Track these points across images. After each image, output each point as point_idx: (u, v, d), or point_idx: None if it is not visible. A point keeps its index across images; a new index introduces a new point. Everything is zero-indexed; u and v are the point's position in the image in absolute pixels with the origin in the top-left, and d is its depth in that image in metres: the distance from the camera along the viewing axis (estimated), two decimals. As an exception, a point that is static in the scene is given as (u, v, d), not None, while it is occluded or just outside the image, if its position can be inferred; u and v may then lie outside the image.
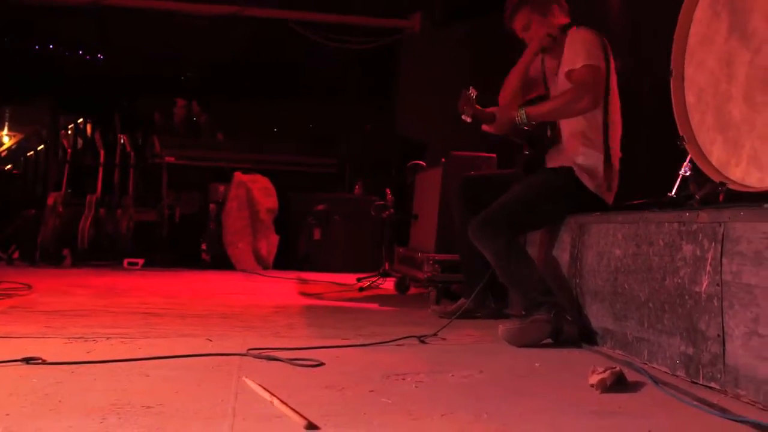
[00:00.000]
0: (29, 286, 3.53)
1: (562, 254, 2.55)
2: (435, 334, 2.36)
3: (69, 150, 5.36)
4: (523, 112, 2.54)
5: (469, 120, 2.57)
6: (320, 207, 5.09)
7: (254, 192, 5.05)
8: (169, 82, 10.93)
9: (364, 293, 3.88)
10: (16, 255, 5.16)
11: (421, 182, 3.86)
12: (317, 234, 5.07)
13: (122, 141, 5.54)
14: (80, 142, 14.50)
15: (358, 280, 4.20)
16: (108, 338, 2.27)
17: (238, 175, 5.10)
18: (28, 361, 1.86)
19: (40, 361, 1.87)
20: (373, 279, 4.08)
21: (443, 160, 3.45)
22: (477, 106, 2.58)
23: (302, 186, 6.11)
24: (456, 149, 6.05)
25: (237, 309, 3.13)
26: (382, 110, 9.05)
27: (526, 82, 2.78)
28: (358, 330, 2.60)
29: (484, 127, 2.62)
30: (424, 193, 3.77)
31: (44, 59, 11.16)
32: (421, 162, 3.85)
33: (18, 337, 2.26)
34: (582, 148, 2.58)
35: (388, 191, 4.27)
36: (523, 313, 2.46)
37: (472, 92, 2.57)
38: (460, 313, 2.67)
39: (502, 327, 2.30)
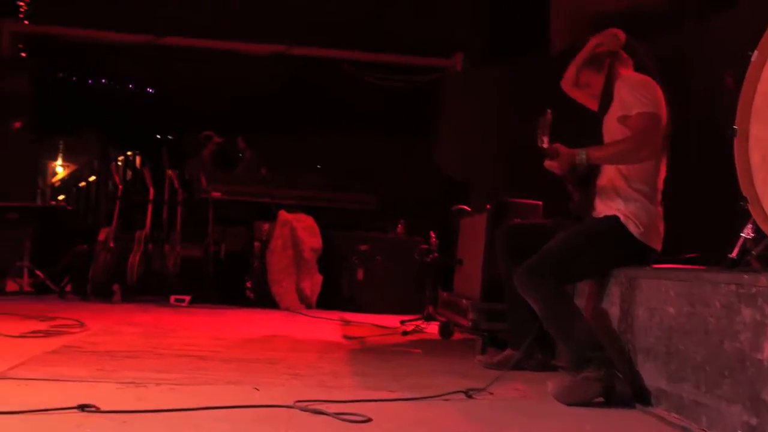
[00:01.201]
0: (82, 324, 3.61)
1: (612, 308, 2.51)
2: (484, 389, 2.33)
3: (120, 186, 5.50)
4: (585, 153, 2.53)
5: (545, 146, 2.53)
6: (364, 247, 5.12)
7: (298, 231, 5.11)
8: (213, 116, 11.21)
9: (408, 337, 3.87)
10: (68, 288, 5.30)
11: (466, 227, 3.86)
12: (360, 275, 5.09)
13: (170, 177, 5.67)
14: (129, 173, 14.93)
15: (402, 323, 4.19)
16: (158, 384, 2.30)
17: (282, 214, 5.17)
18: (82, 408, 1.90)
19: (94, 408, 1.90)
20: (417, 322, 4.07)
21: (488, 206, 3.45)
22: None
23: (342, 222, 6.16)
24: (498, 191, 6.03)
25: (282, 353, 3.14)
26: (423, 148, 9.11)
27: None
28: (404, 380, 2.58)
29: (547, 164, 2.60)
30: (468, 239, 3.76)
31: (97, 93, 11.58)
32: (466, 207, 3.85)
33: (71, 381, 2.31)
34: (628, 195, 2.55)
35: (432, 234, 4.27)
36: (572, 367, 2.42)
37: (549, 116, 2.54)
38: (508, 365, 2.64)
39: (552, 384, 2.26)
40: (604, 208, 2.61)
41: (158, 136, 12.64)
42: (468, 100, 7.80)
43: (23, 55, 7.94)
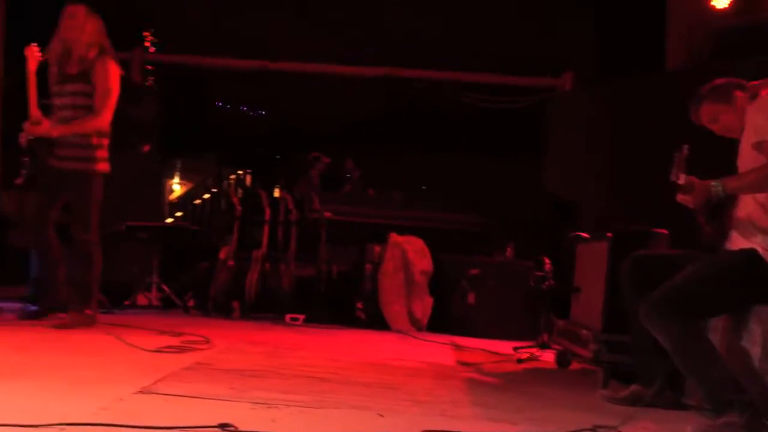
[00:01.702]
0: (208, 340, 3.80)
1: (753, 347, 2.39)
2: (614, 428, 2.26)
3: (239, 207, 5.76)
4: (720, 184, 2.43)
5: (681, 183, 2.46)
6: (474, 271, 5.10)
7: (409, 253, 5.16)
8: (321, 137, 11.55)
9: (524, 365, 3.82)
10: (191, 303, 5.59)
11: (583, 254, 3.78)
12: (471, 298, 5.07)
13: (285, 198, 5.89)
14: (240, 192, 15.58)
15: (515, 349, 4.14)
16: (287, 405, 2.39)
17: (393, 237, 5.24)
18: (223, 427, 2.00)
19: (233, 428, 2.00)
20: (531, 350, 4.01)
21: (609, 234, 3.36)
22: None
23: (449, 244, 6.17)
24: (610, 215, 5.84)
25: (400, 378, 3.18)
26: (530, 169, 9.00)
27: None
28: (526, 412, 2.56)
29: (680, 198, 2.52)
30: (586, 266, 3.68)
31: (214, 116, 12.24)
32: (584, 234, 3.77)
33: (208, 398, 2.44)
34: (767, 227, 2.43)
35: (547, 260, 4.20)
36: (707, 407, 2.31)
37: (685, 152, 2.47)
38: (635, 401, 2.56)
39: (691, 429, 2.16)
40: (740, 240, 2.49)
41: (269, 157, 13.17)
42: (578, 119, 7.64)
43: (151, 82, 8.53)
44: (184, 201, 17.44)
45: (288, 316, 5.12)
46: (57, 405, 2.21)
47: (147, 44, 9.03)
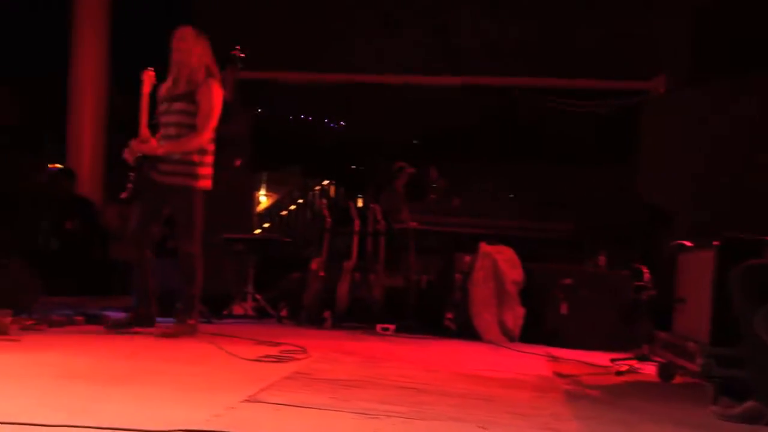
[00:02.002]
0: (304, 350, 3.88)
1: None
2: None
3: (329, 219, 5.87)
4: None
5: None
6: (567, 281, 5.00)
7: (500, 263, 5.11)
8: (405, 147, 11.61)
9: (623, 378, 3.70)
10: (283, 313, 5.73)
11: (687, 263, 3.63)
12: (564, 308, 4.97)
13: (373, 209, 5.95)
14: (324, 202, 15.86)
15: (613, 361, 4.02)
16: (389, 416, 2.41)
17: (483, 246, 5.21)
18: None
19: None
20: (630, 362, 3.88)
21: (716, 243, 3.22)
22: None
23: (538, 253, 6.06)
24: (708, 221, 5.57)
25: (496, 389, 3.15)
26: (621, 175, 8.74)
27: None
28: (635, 427, 2.48)
29: None
30: (690, 276, 3.53)
31: (299, 129, 12.54)
32: (687, 242, 3.62)
33: (312, 408, 2.48)
34: None
35: (645, 270, 4.06)
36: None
37: None
38: (753, 419, 2.43)
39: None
40: None
41: (352, 168, 13.37)
42: (672, 123, 7.37)
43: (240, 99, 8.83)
44: (270, 212, 17.91)
45: (379, 326, 5.16)
46: (171, 411, 2.32)
47: (236, 62, 9.34)
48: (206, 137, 4.27)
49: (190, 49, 4.23)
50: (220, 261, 5.77)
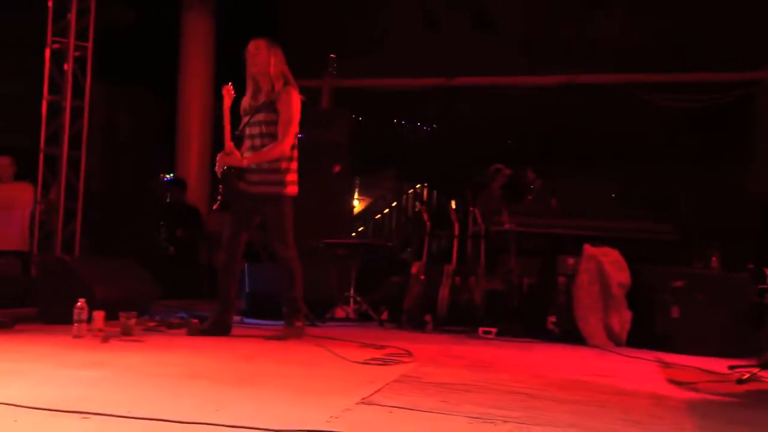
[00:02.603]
0: (409, 353, 3.92)
1: None
2: None
3: (429, 223, 5.90)
4: None
5: None
6: (678, 283, 4.80)
7: (605, 265, 4.98)
8: (501, 149, 11.47)
9: (745, 386, 3.52)
10: (384, 317, 5.81)
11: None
12: (675, 312, 4.77)
13: (473, 212, 5.93)
14: (417, 206, 15.91)
15: (731, 368, 3.83)
16: (505, 421, 2.41)
17: (588, 248, 5.08)
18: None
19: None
20: (752, 370, 3.68)
21: None
22: None
23: (642, 255, 5.83)
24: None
25: (609, 395, 3.08)
26: (731, 172, 8.31)
27: None
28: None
29: None
30: (819, 278, 3.32)
31: (393, 133, 12.64)
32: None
33: (426, 411, 2.51)
34: None
35: None
36: None
37: None
38: None
39: None
40: None
41: (447, 170, 13.33)
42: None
43: (337, 107, 9.03)
44: (364, 216, 18.14)
45: (481, 330, 5.14)
46: (291, 412, 2.41)
47: (332, 70, 9.55)
48: (288, 144, 4.34)
49: (266, 59, 4.34)
50: (322, 266, 5.92)
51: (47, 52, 6.79)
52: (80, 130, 6.90)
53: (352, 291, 5.79)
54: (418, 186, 15.60)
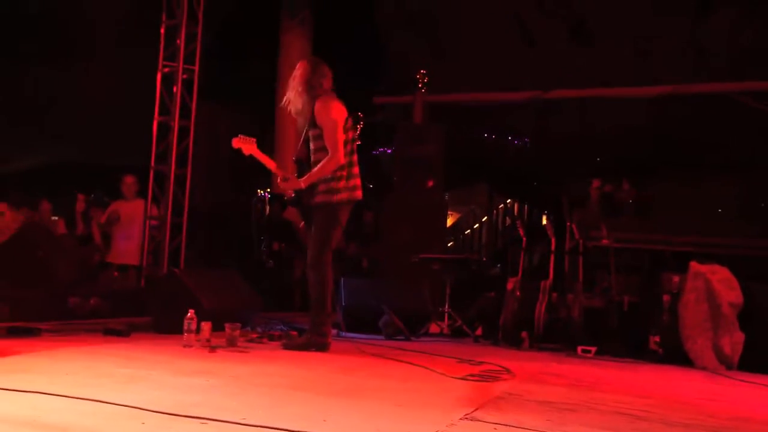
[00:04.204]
0: (508, 370, 3.88)
1: None
2: None
3: (525, 239, 5.83)
4: None
5: None
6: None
7: (714, 284, 4.74)
8: (596, 162, 11.16)
9: None
10: (479, 332, 5.76)
11: None
12: (795, 335, 4.49)
13: (570, 227, 5.80)
14: (507, 220, 15.71)
15: None
16: (612, 444, 2.34)
17: (694, 266, 4.87)
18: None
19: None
20: None
21: None
22: None
23: (754, 272, 5.53)
24: None
25: (723, 420, 2.94)
26: None
27: None
28: None
29: None
30: None
31: (484, 147, 12.56)
32: None
33: (530, 430, 2.48)
34: None
35: None
36: None
37: None
38: None
39: None
40: None
41: (539, 184, 13.13)
42: None
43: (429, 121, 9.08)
44: (453, 230, 18.06)
45: (580, 348, 5.01)
46: (396, 425, 2.44)
47: (423, 86, 9.62)
48: (340, 154, 4.29)
49: (293, 80, 4.39)
50: (416, 280, 5.95)
51: (158, 76, 7.22)
52: (186, 148, 7.29)
53: (446, 306, 5.78)
54: (509, 201, 15.42)
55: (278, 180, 4.63)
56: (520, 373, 3.85)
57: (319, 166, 4.34)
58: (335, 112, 4.32)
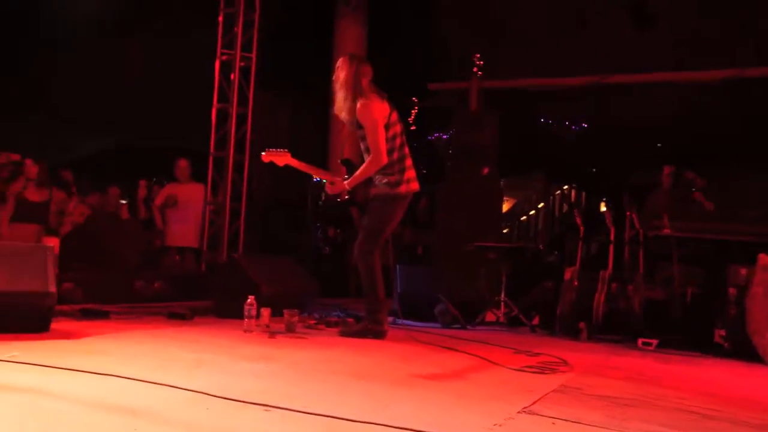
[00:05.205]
0: (566, 362, 3.83)
1: None
2: None
3: (582, 227, 5.72)
4: None
5: None
6: None
7: (784, 277, 4.57)
8: (658, 149, 10.84)
9: None
10: (535, 322, 5.70)
11: None
12: None
13: (630, 217, 5.67)
14: (564, 207, 15.45)
15: None
16: (677, 442, 2.29)
17: (763, 258, 4.69)
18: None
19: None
20: None
21: None
22: None
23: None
24: None
25: (795, 421, 2.84)
26: None
27: None
28: None
29: None
30: None
31: (541, 134, 12.36)
32: None
33: (590, 425, 2.44)
34: None
35: None
36: None
37: None
38: None
39: None
40: None
41: (598, 172, 12.85)
42: None
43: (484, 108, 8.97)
44: (509, 216, 17.85)
45: (640, 341, 4.90)
46: (454, 417, 2.44)
47: (479, 71, 9.50)
48: (381, 155, 4.28)
49: (337, 80, 4.40)
50: (472, 268, 5.92)
51: (217, 64, 7.35)
52: (244, 134, 7.41)
53: (503, 295, 5.73)
54: (566, 187, 15.14)
55: (326, 185, 4.66)
56: (578, 366, 3.80)
57: (362, 167, 4.39)
58: (375, 111, 4.31)
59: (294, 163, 4.57)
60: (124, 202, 8.26)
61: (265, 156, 4.58)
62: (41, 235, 5.65)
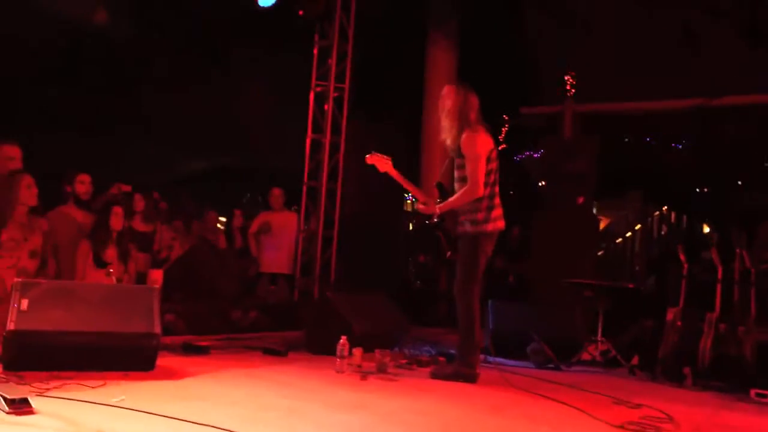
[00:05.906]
0: (670, 418, 3.62)
1: None
2: None
3: (686, 264, 5.41)
4: None
5: None
6: None
7: None
8: (760, 171, 10.20)
9: None
10: (634, 362, 5.43)
11: None
12: None
13: (740, 255, 5.32)
14: (664, 228, 14.76)
15: None
16: None
17: None
18: None
19: None
20: None
21: None
22: None
23: None
24: None
25: None
26: None
27: None
28: None
29: None
30: None
31: (639, 155, 11.92)
32: None
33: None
34: None
35: None
36: None
37: None
38: None
39: None
40: None
41: (700, 194, 12.24)
42: None
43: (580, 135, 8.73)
44: (604, 236, 17.17)
45: (753, 391, 4.57)
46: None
47: (572, 91, 9.26)
48: (478, 186, 4.26)
49: (443, 108, 4.37)
50: (567, 306, 5.74)
51: (311, 95, 7.51)
52: (337, 163, 7.53)
53: (599, 335, 5.52)
54: (665, 208, 14.47)
55: (417, 204, 4.67)
56: (685, 423, 3.58)
57: (456, 195, 4.39)
58: (480, 146, 4.32)
59: (393, 173, 4.61)
60: (220, 226, 8.53)
61: (369, 158, 4.62)
62: (148, 266, 5.91)
